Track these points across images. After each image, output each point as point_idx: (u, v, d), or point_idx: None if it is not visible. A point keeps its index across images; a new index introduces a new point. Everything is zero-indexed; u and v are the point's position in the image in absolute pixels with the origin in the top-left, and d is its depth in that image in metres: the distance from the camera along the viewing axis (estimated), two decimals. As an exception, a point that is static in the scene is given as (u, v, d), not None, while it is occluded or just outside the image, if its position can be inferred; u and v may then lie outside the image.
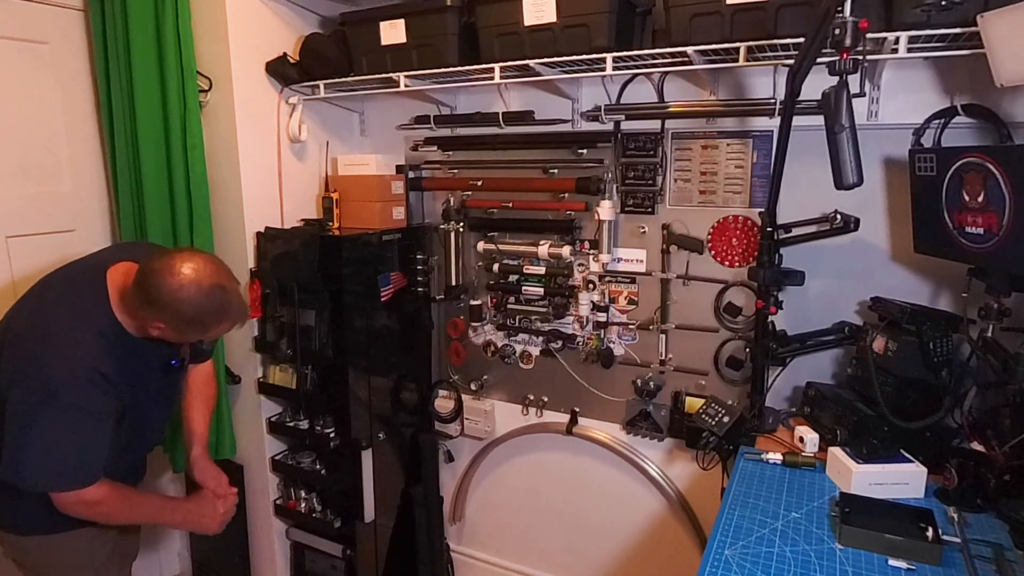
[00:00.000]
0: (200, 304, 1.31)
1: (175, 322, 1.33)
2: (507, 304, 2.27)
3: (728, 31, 1.58)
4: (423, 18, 1.93)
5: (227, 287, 1.36)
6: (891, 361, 1.53)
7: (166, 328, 1.35)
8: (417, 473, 2.46)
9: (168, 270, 1.29)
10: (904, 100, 1.66)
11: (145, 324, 1.36)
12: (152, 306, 1.31)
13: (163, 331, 1.36)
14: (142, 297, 1.32)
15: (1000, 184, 1.27)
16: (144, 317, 1.35)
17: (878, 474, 1.40)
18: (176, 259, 1.31)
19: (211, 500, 1.61)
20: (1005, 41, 1.25)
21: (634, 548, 2.30)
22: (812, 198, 1.73)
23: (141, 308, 1.33)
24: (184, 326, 1.34)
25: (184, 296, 1.29)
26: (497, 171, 2.21)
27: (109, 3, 2.00)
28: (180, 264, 1.30)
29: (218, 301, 1.34)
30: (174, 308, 1.30)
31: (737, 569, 1.18)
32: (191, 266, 1.30)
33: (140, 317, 1.36)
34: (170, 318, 1.32)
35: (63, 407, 1.28)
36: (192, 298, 1.29)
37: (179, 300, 1.29)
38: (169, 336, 1.39)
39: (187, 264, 1.30)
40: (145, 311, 1.33)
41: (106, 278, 1.40)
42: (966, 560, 1.18)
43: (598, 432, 2.25)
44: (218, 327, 1.39)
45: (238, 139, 2.08)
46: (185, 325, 1.34)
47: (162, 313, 1.31)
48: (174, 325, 1.34)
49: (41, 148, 2.08)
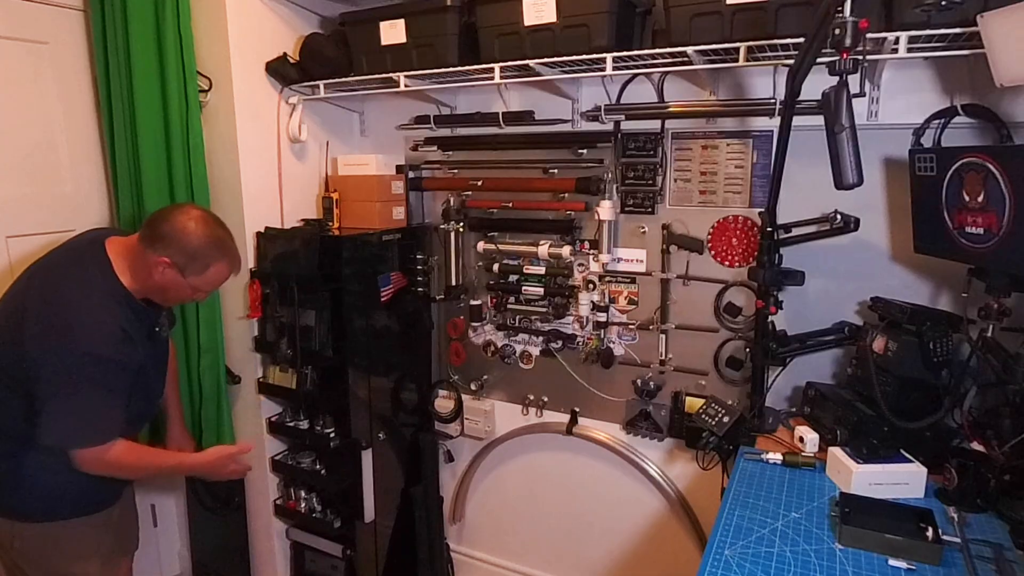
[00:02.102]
0: (205, 236, 1.47)
1: (181, 254, 1.45)
2: (507, 304, 2.27)
3: (728, 31, 1.58)
4: (423, 18, 1.93)
5: (228, 232, 1.55)
6: (891, 361, 1.53)
7: (171, 266, 1.45)
8: (417, 473, 2.46)
9: (179, 209, 1.50)
10: (904, 100, 1.66)
11: (150, 270, 1.45)
12: (161, 240, 1.44)
13: (167, 271, 1.45)
14: (152, 236, 1.45)
15: (1000, 184, 1.27)
16: (151, 259, 1.45)
17: (878, 474, 1.40)
18: (188, 205, 1.56)
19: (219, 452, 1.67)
20: (1005, 41, 1.25)
21: (634, 548, 2.30)
22: (812, 198, 1.73)
23: (149, 248, 1.45)
24: (188, 260, 1.46)
25: (192, 228, 1.46)
26: (497, 171, 2.21)
27: (109, 3, 2.00)
28: (189, 206, 1.53)
29: (220, 238, 1.51)
30: (183, 238, 1.45)
31: (737, 569, 1.18)
32: (200, 212, 1.52)
33: (146, 263, 1.45)
34: (177, 250, 1.44)
35: (103, 367, 1.38)
36: (199, 229, 1.47)
37: (188, 231, 1.45)
38: (170, 278, 1.47)
39: (197, 210, 1.52)
40: (152, 250, 1.44)
41: (106, 249, 1.49)
42: (966, 560, 1.18)
43: (598, 432, 2.25)
44: (216, 265, 1.51)
45: (238, 139, 2.08)
46: (189, 258, 1.46)
47: (171, 246, 1.44)
48: (179, 258, 1.45)
49: (41, 148, 2.08)
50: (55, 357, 1.36)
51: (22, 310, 1.43)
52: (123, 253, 1.49)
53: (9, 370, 1.41)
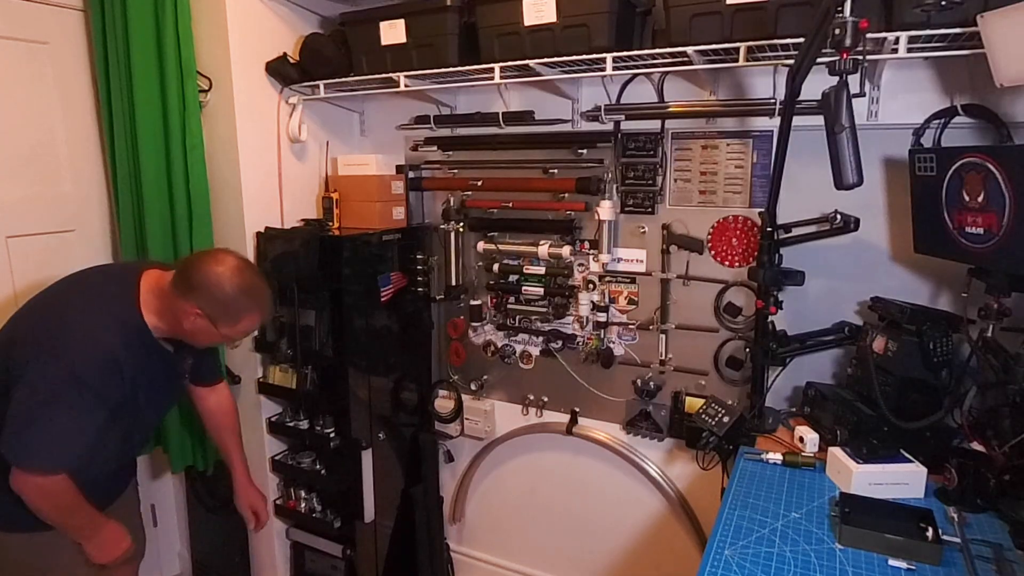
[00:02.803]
0: (238, 287, 1.42)
1: (213, 305, 1.40)
2: (507, 304, 2.27)
3: (728, 31, 1.58)
4: (423, 18, 1.93)
5: (263, 280, 1.50)
6: (891, 361, 1.53)
7: (201, 316, 1.41)
8: (417, 473, 2.46)
9: (213, 258, 1.44)
10: (904, 100, 1.66)
11: (180, 316, 1.42)
12: (194, 291, 1.40)
13: (197, 320, 1.42)
14: (184, 284, 1.41)
15: (1000, 184, 1.27)
16: (181, 307, 1.41)
17: (878, 474, 1.40)
18: (219, 251, 1.47)
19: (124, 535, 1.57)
20: (1005, 41, 1.25)
21: (634, 548, 2.30)
22: (812, 198, 1.73)
23: (180, 296, 1.41)
24: (220, 311, 1.42)
25: (226, 279, 1.41)
26: (497, 171, 2.21)
27: (109, 3, 2.00)
28: (223, 254, 1.46)
29: (253, 289, 1.46)
30: (216, 290, 1.40)
31: (737, 569, 1.18)
32: (233, 258, 1.45)
33: (176, 309, 1.42)
34: (209, 301, 1.40)
35: (81, 392, 1.33)
36: (233, 280, 1.41)
37: (221, 282, 1.40)
38: (201, 327, 1.43)
39: (230, 256, 1.46)
40: (184, 299, 1.40)
41: (140, 278, 1.47)
42: (966, 560, 1.17)
43: (598, 432, 2.25)
44: (248, 316, 1.47)
45: (238, 139, 2.08)
46: (221, 310, 1.42)
47: (202, 297, 1.40)
48: (211, 308, 1.41)
49: (41, 148, 2.08)
50: (40, 367, 1.33)
51: (35, 314, 1.43)
52: (154, 290, 1.45)
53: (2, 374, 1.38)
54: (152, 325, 1.45)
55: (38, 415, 1.32)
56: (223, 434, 1.88)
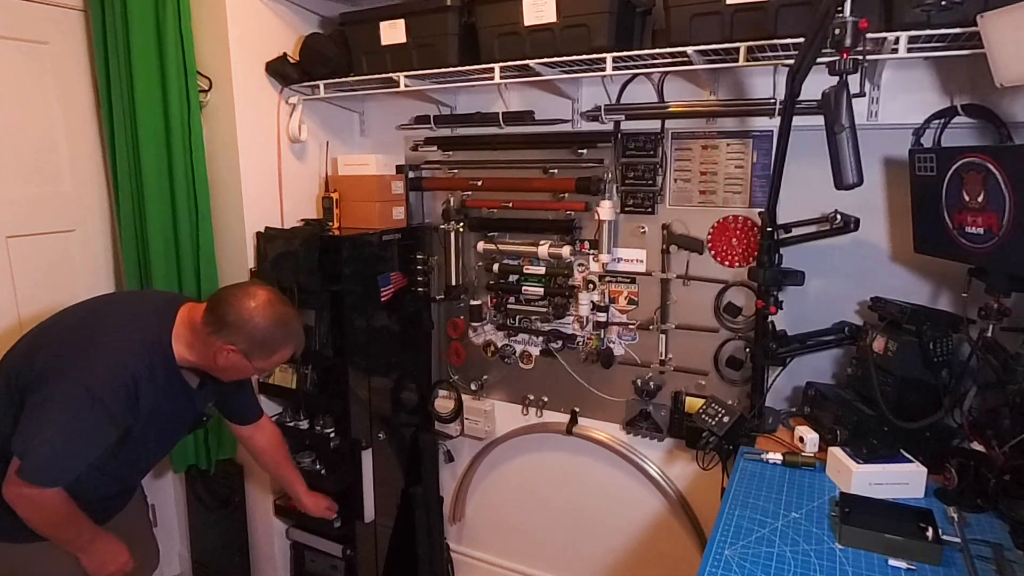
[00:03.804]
0: (272, 322, 1.41)
1: (247, 342, 1.40)
2: (507, 304, 2.27)
3: (728, 31, 1.58)
4: (423, 18, 1.93)
5: (295, 314, 1.49)
6: (891, 361, 1.53)
7: (236, 351, 1.40)
8: (417, 473, 2.46)
9: (246, 294, 1.43)
10: (904, 100, 1.66)
11: (214, 353, 1.41)
12: (228, 327, 1.39)
13: (231, 355, 1.41)
14: (217, 322, 1.39)
15: (1000, 184, 1.27)
16: (215, 344, 1.40)
17: (878, 474, 1.40)
18: (251, 286, 1.47)
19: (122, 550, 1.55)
20: (1005, 41, 1.25)
21: (634, 548, 2.30)
22: (812, 198, 1.73)
23: (214, 333, 1.39)
24: (255, 346, 1.41)
25: (259, 314, 1.40)
26: (497, 171, 2.21)
27: (109, 3, 2.00)
28: (256, 289, 1.45)
29: (286, 322, 1.45)
30: (250, 327, 1.39)
31: (737, 569, 1.18)
32: (265, 293, 1.44)
33: (209, 345, 1.41)
34: (244, 338, 1.39)
35: (93, 408, 1.32)
36: (266, 315, 1.41)
37: (254, 319, 1.39)
38: (235, 362, 1.42)
39: (262, 290, 1.45)
40: (217, 336, 1.39)
41: (178, 310, 1.47)
42: (966, 560, 1.17)
43: (598, 432, 2.25)
44: (283, 350, 1.46)
45: (238, 139, 2.08)
46: (256, 345, 1.41)
47: (237, 333, 1.39)
48: (246, 345, 1.40)
49: (41, 148, 2.08)
50: (61, 380, 1.32)
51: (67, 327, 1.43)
52: (188, 323, 1.44)
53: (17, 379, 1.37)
54: (179, 355, 1.44)
55: (46, 428, 1.30)
56: (280, 469, 1.91)
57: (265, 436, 1.85)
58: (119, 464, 1.48)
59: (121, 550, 1.54)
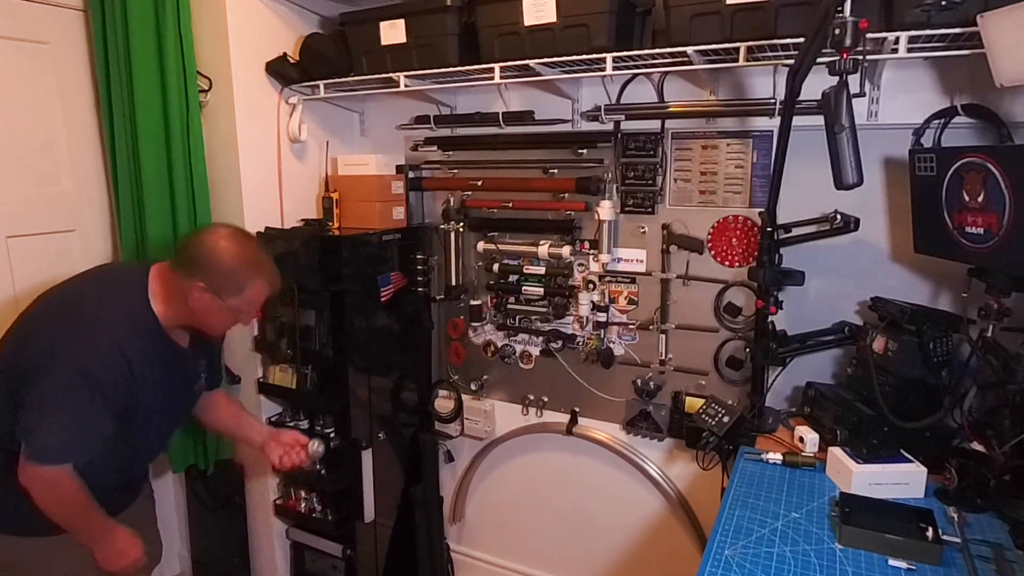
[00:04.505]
0: (237, 254, 1.41)
1: (214, 276, 1.39)
2: (507, 304, 2.27)
3: (728, 31, 1.58)
4: (423, 18, 1.93)
5: (262, 250, 1.49)
6: (891, 361, 1.53)
7: (206, 289, 1.39)
8: (417, 473, 2.46)
9: (208, 230, 1.47)
10: (904, 100, 1.66)
11: (186, 296, 1.40)
12: (193, 265, 1.39)
13: (203, 295, 1.40)
14: (185, 261, 1.41)
15: (1000, 184, 1.27)
16: (185, 286, 1.40)
17: (878, 474, 1.40)
18: (216, 224, 1.51)
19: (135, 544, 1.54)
20: (1005, 41, 1.25)
21: (634, 548, 2.30)
22: (812, 198, 1.73)
23: (183, 275, 1.40)
24: (222, 280, 1.40)
25: (223, 247, 1.40)
26: (497, 171, 2.21)
27: (109, 3, 2.00)
28: (220, 227, 1.48)
29: (254, 255, 1.45)
30: (214, 259, 1.39)
31: (737, 569, 1.18)
32: (228, 229, 1.46)
33: (181, 290, 1.41)
34: (210, 272, 1.39)
35: (87, 382, 1.32)
36: (230, 248, 1.41)
37: (218, 251, 1.40)
38: (207, 302, 1.41)
39: (225, 228, 1.47)
40: (187, 277, 1.39)
41: (150, 271, 1.47)
42: (966, 560, 1.17)
43: (598, 432, 2.25)
44: (253, 284, 1.44)
45: (238, 139, 2.08)
46: (223, 279, 1.40)
47: (202, 269, 1.39)
48: (214, 280, 1.39)
49: (41, 148, 2.08)
50: (52, 363, 1.33)
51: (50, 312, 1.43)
52: (160, 279, 1.45)
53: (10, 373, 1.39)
54: (161, 315, 1.44)
55: (48, 410, 1.32)
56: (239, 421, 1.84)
57: (219, 397, 1.83)
58: (128, 442, 1.47)
59: (135, 545, 1.54)
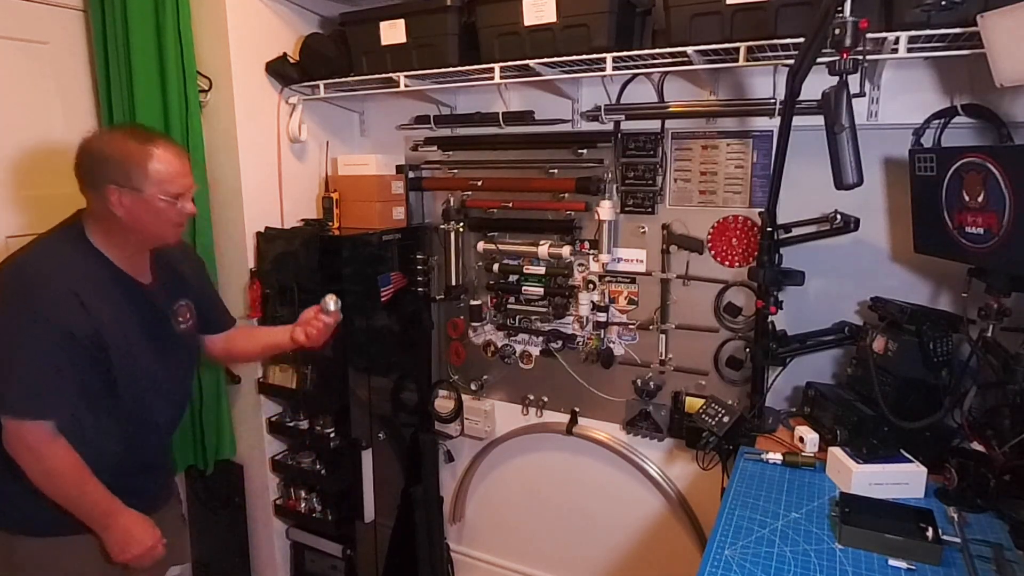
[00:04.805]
0: (121, 139, 1.35)
1: (116, 171, 1.31)
2: (507, 304, 2.27)
3: (728, 31, 1.58)
4: (423, 18, 1.93)
5: (144, 125, 1.41)
6: (891, 361, 1.53)
7: (115, 188, 1.31)
8: (417, 473, 2.46)
9: (83, 142, 1.37)
10: (904, 100, 1.66)
11: (109, 212, 1.33)
12: (92, 175, 1.33)
13: (120, 198, 1.32)
14: (83, 179, 1.35)
15: (1000, 184, 1.27)
16: (100, 199, 1.33)
17: (878, 474, 1.40)
18: (88, 134, 1.39)
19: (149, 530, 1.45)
20: (1005, 41, 1.25)
21: (634, 548, 2.30)
22: (812, 198, 1.73)
23: (92, 190, 1.34)
24: (123, 168, 1.32)
25: (104, 141, 1.35)
26: (497, 171, 2.21)
27: (109, 3, 2.00)
28: (91, 133, 1.39)
29: (138, 132, 1.37)
30: (104, 156, 1.33)
31: (737, 569, 1.18)
32: (100, 129, 1.41)
33: (103, 208, 1.34)
34: (110, 170, 1.32)
35: (41, 325, 1.27)
36: (107, 136, 1.36)
37: (101, 146, 1.34)
38: (128, 203, 1.33)
39: (96, 130, 1.40)
40: (95, 189, 1.33)
41: (82, 220, 1.41)
42: (966, 560, 1.17)
43: (598, 432, 2.25)
44: (154, 157, 1.34)
45: (238, 139, 2.08)
46: (126, 169, 1.32)
47: (103, 173, 1.32)
48: (119, 176, 1.31)
49: (41, 148, 2.08)
50: (4, 317, 1.28)
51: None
52: (91, 219, 1.39)
53: None
54: (108, 252, 1.38)
55: (6, 364, 1.27)
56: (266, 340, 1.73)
57: (237, 332, 1.76)
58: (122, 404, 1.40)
59: (148, 531, 1.43)
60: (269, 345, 1.74)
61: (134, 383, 1.42)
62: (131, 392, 1.41)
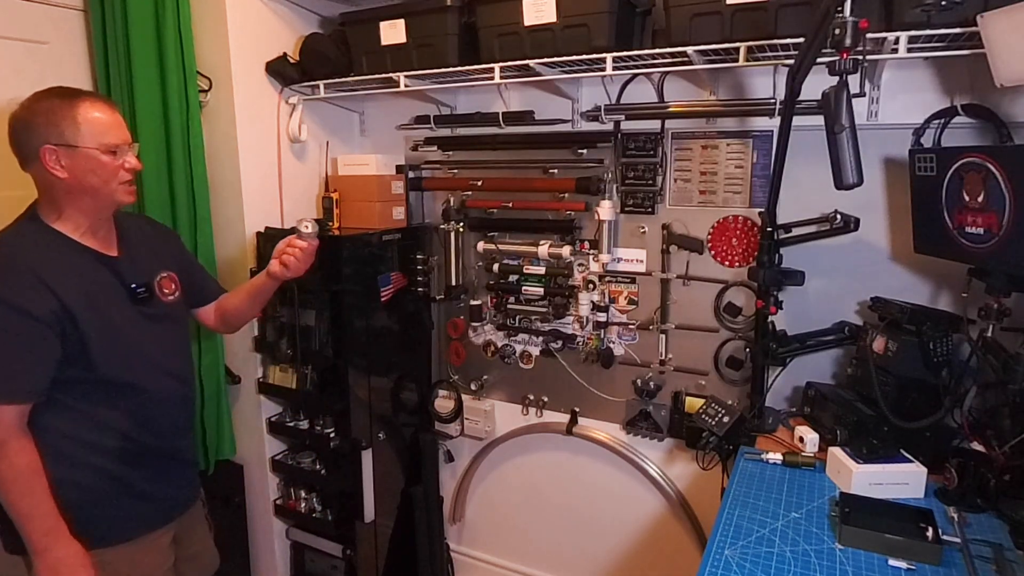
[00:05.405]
0: (41, 98, 1.32)
1: (47, 131, 1.29)
2: (507, 304, 2.27)
3: (728, 31, 1.58)
4: (423, 18, 1.93)
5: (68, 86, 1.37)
6: (891, 361, 1.53)
7: (50, 148, 1.29)
8: (417, 473, 2.46)
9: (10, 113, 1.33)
10: (904, 100, 1.66)
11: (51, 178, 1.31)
12: (25, 143, 1.30)
13: (59, 159, 1.30)
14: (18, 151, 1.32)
15: (1000, 184, 1.27)
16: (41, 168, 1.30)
17: (878, 474, 1.40)
18: None
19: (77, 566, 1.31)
20: (1005, 41, 1.25)
21: (634, 548, 2.30)
22: (812, 198, 1.73)
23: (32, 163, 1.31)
24: (52, 124, 1.29)
25: (26, 106, 1.31)
26: (497, 171, 2.21)
27: (109, 3, 2.00)
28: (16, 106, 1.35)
29: (61, 89, 1.34)
30: (29, 119, 1.30)
31: (737, 569, 1.18)
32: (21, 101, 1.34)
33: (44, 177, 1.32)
34: (40, 132, 1.29)
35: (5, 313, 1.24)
36: (30, 100, 1.32)
37: (24, 111, 1.31)
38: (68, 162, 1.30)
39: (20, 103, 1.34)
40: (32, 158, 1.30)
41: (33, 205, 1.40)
42: (966, 560, 1.18)
43: (598, 432, 2.25)
44: (80, 111, 1.32)
45: (238, 139, 2.08)
46: (51, 122, 1.29)
47: (35, 137, 1.29)
48: (51, 135, 1.29)
49: (41, 148, 2.08)
50: None
51: None
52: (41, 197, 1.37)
53: None
54: (63, 227, 1.35)
55: None
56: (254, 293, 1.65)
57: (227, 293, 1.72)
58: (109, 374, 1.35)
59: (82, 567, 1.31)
60: (253, 291, 1.66)
61: (115, 353, 1.36)
62: (115, 362, 1.36)
